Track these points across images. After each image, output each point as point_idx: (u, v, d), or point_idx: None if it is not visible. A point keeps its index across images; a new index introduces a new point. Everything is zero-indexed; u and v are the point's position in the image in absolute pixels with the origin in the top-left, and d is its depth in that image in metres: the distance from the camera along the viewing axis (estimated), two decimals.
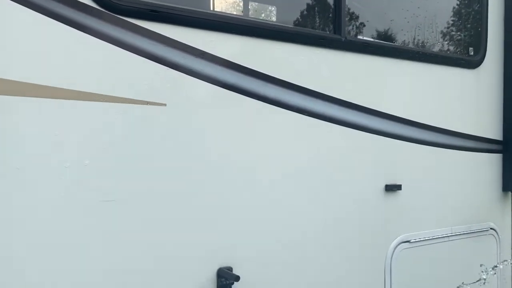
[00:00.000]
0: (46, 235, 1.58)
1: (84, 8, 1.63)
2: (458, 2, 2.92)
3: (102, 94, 1.67)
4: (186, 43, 1.85)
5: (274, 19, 3.32)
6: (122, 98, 1.70)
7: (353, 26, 2.44)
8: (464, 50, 2.92)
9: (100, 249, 1.68)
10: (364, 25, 2.51)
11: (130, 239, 1.73)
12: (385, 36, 2.60)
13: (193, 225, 1.87)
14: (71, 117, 1.62)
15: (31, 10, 1.55)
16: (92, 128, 1.66)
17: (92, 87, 1.65)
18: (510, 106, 2.94)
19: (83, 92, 1.63)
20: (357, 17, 2.47)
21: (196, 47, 1.87)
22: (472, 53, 2.89)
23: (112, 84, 1.69)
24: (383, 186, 2.45)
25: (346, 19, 2.33)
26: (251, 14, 3.33)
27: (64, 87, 1.60)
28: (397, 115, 2.50)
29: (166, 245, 1.81)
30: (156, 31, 1.78)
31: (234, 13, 3.09)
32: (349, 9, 2.37)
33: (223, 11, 2.12)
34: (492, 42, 2.92)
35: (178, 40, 1.83)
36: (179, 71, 1.84)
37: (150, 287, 1.78)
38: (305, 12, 2.48)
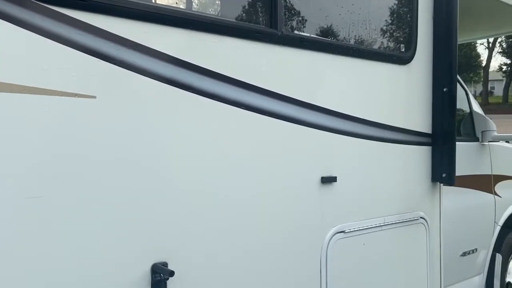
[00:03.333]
0: None
1: None
2: (390, 0, 3.03)
3: (24, 85, 1.58)
4: (118, 34, 1.80)
5: (212, 12, 3.30)
6: (46, 89, 1.63)
7: (290, 21, 2.47)
8: (396, 47, 3.04)
9: (27, 248, 1.60)
10: (301, 20, 2.55)
11: (58, 236, 1.67)
12: (321, 31, 2.65)
13: (126, 220, 1.83)
14: None
15: None
16: (14, 121, 1.57)
17: (12, 77, 1.56)
18: (438, 101, 3.10)
19: (2, 83, 1.54)
20: (294, 12, 2.50)
21: (129, 38, 1.82)
22: (403, 50, 3.01)
23: (36, 75, 1.61)
24: (319, 178, 2.50)
25: (283, 13, 2.35)
26: (189, 7, 3.29)
27: None
28: (333, 109, 2.56)
29: (98, 241, 1.76)
30: (85, 21, 1.71)
31: (171, 4, 3.04)
32: (286, 4, 2.39)
33: (158, 2, 2.10)
34: (422, 40, 3.06)
35: (109, 30, 1.77)
36: (111, 63, 1.78)
37: (81, 286, 1.72)
38: (242, 6, 2.48)
